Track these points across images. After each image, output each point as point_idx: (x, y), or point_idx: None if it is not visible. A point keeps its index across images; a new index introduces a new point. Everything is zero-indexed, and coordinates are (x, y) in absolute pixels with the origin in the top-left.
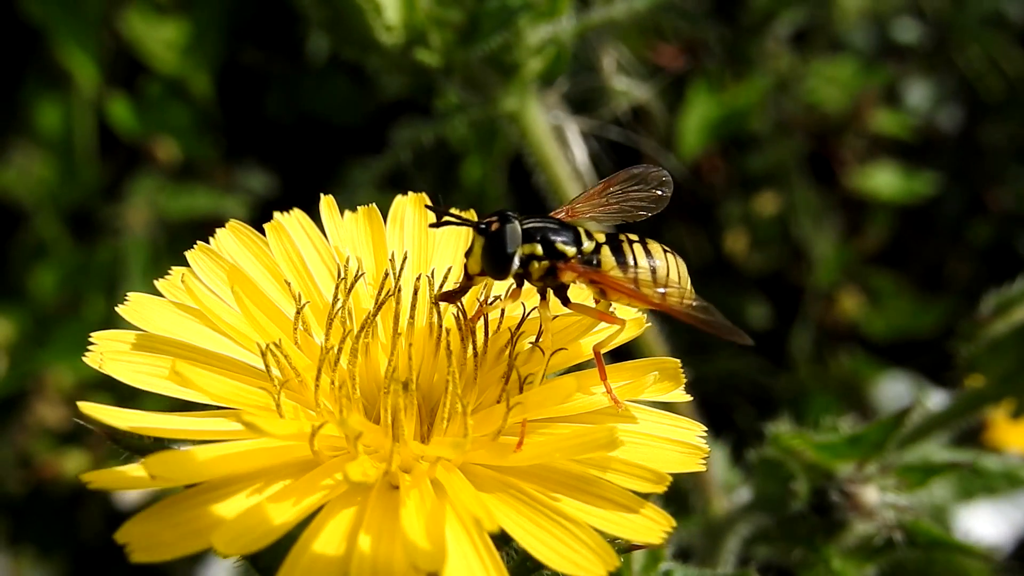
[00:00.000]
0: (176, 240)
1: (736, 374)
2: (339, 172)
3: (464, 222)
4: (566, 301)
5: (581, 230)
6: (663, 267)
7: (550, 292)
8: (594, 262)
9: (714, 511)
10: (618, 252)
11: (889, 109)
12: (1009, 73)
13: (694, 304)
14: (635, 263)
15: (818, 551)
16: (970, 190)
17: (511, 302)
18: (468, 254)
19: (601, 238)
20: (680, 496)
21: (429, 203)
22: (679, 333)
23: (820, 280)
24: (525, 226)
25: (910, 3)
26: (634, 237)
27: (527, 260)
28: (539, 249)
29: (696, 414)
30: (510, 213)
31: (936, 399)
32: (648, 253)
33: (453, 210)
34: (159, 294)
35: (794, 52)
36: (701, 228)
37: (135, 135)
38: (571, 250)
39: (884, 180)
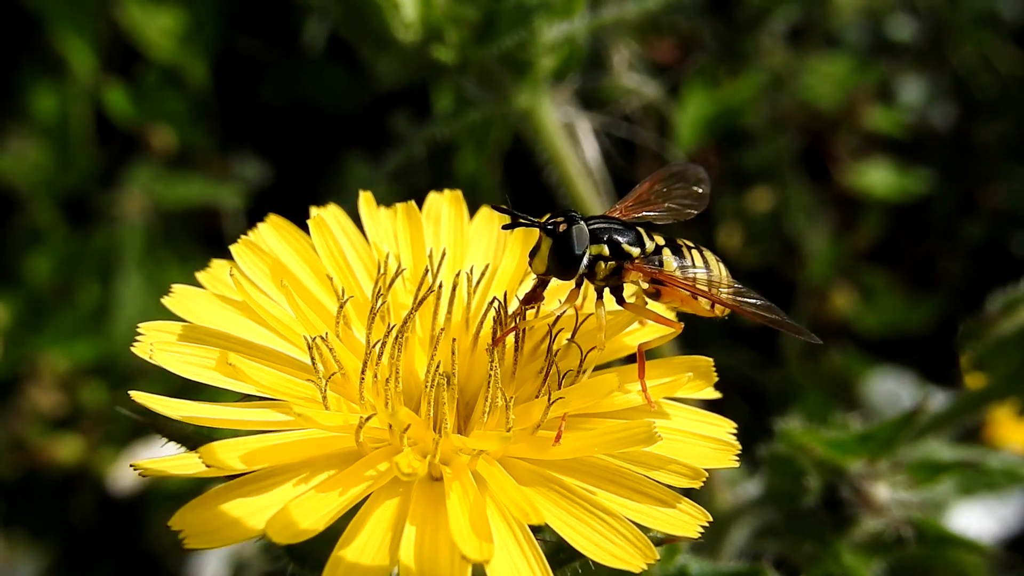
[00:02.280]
0: (171, 228)
1: (728, 368)
2: (335, 161)
3: (532, 223)
4: (622, 301)
5: (642, 231)
6: (717, 272)
7: (606, 291)
8: (656, 263)
9: (719, 505)
10: (678, 254)
11: (883, 106)
12: (1002, 71)
13: (758, 303)
14: (693, 265)
15: (828, 546)
16: (962, 188)
17: (571, 303)
18: (533, 254)
19: (660, 240)
20: (685, 490)
21: (464, 201)
22: None
23: (812, 276)
24: (591, 226)
25: (904, 0)
26: (690, 243)
27: (593, 261)
28: (606, 250)
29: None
30: (575, 214)
31: (934, 398)
32: (704, 259)
33: (486, 209)
34: (155, 282)
35: (789, 48)
36: (694, 223)
37: (131, 122)
38: (636, 251)
39: (877, 177)
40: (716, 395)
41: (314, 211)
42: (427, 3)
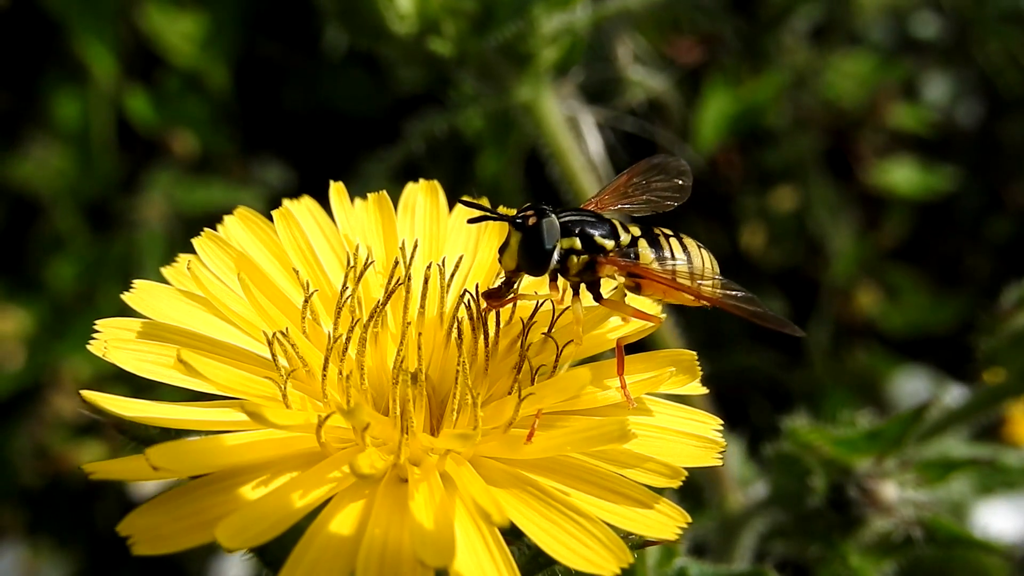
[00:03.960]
0: (192, 233)
1: (752, 369)
2: (355, 165)
3: (500, 217)
4: (599, 297)
5: (616, 223)
6: (698, 260)
7: (582, 287)
8: (632, 255)
9: (730, 506)
10: (655, 245)
11: (907, 104)
12: None
13: (739, 295)
14: (672, 256)
15: (835, 547)
16: (988, 186)
17: (546, 298)
18: (503, 250)
19: (637, 231)
20: (695, 490)
21: (442, 191)
22: (695, 326)
23: (837, 275)
24: (562, 219)
25: None
26: (668, 231)
27: (565, 255)
28: (578, 243)
29: (712, 408)
30: (545, 206)
31: (954, 394)
32: (683, 247)
33: (479, 201)
34: (167, 282)
35: (812, 47)
36: (718, 223)
37: (153, 128)
38: (610, 243)
39: (902, 175)
40: (702, 390)
41: (285, 203)
42: None
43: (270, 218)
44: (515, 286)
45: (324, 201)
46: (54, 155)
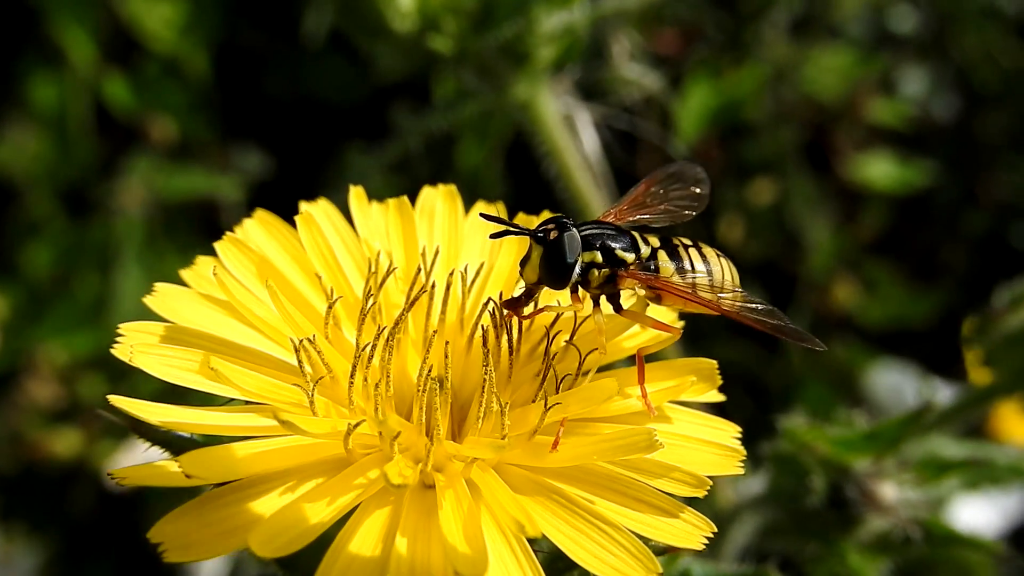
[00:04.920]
0: (171, 220)
1: (730, 363)
2: (336, 153)
3: (522, 231)
4: (619, 308)
5: (636, 235)
6: (718, 271)
7: (603, 298)
8: (652, 267)
9: (720, 502)
10: (675, 257)
11: (885, 98)
12: (1005, 64)
13: (759, 308)
14: (692, 267)
15: (833, 546)
16: (965, 180)
17: (572, 305)
18: (524, 263)
19: (656, 242)
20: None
21: (459, 196)
22: None
23: (814, 268)
24: (583, 233)
25: None
26: (688, 241)
27: (587, 268)
28: (599, 257)
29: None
30: (567, 219)
31: (934, 389)
32: (703, 257)
33: (482, 204)
34: (154, 274)
35: (791, 41)
36: (696, 215)
37: (131, 114)
38: (631, 256)
39: (879, 169)
40: (720, 397)
41: (303, 206)
42: None
43: (252, 208)
44: (535, 297)
45: (308, 193)
46: (31, 139)
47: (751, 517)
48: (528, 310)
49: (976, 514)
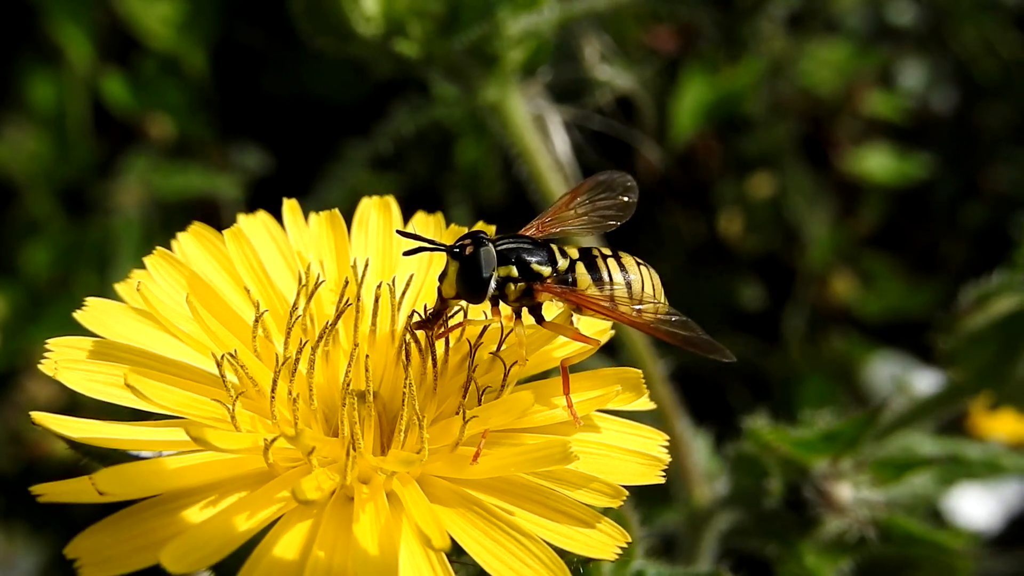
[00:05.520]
0: (169, 219)
1: None
2: (335, 151)
3: (437, 247)
4: (540, 320)
5: (554, 248)
6: (638, 281)
7: (524, 310)
8: (569, 280)
9: (696, 501)
10: (593, 269)
11: (883, 91)
12: (1004, 56)
13: (673, 320)
14: (610, 279)
15: (792, 547)
16: (963, 172)
17: (495, 317)
18: (442, 278)
19: (575, 254)
20: (662, 484)
21: (396, 207)
22: None
23: (813, 262)
24: (499, 247)
25: None
26: (607, 251)
27: (503, 283)
28: (514, 271)
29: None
30: (483, 235)
31: (927, 380)
32: (622, 267)
33: (421, 215)
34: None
35: (788, 34)
36: (696, 210)
37: (129, 112)
38: (547, 270)
39: (877, 163)
40: (650, 406)
41: (239, 219)
42: None
43: (252, 207)
44: (450, 314)
45: (307, 190)
46: (29, 138)
47: (726, 516)
48: (457, 319)
49: (975, 505)
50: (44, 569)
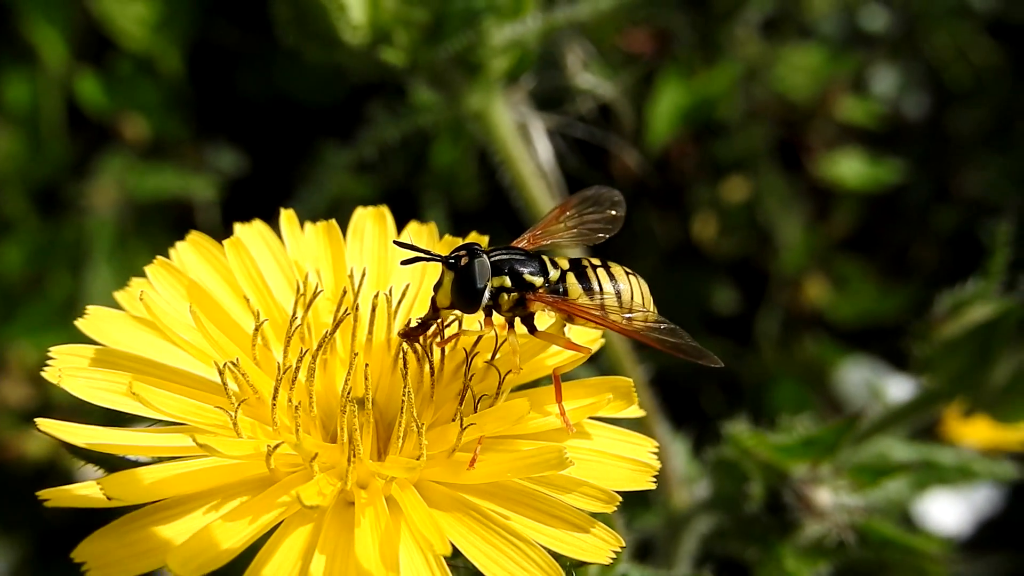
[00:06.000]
0: (144, 220)
1: None
2: (312, 152)
3: (433, 257)
4: (532, 329)
5: (545, 258)
6: (627, 290)
7: (517, 320)
8: (560, 290)
9: (675, 504)
10: (583, 278)
11: (856, 97)
12: (975, 62)
13: (661, 327)
14: (600, 288)
15: (772, 550)
16: (935, 177)
17: (489, 327)
18: (437, 288)
19: (565, 264)
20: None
21: (391, 217)
22: None
23: (787, 265)
24: (493, 259)
25: None
26: (596, 261)
27: (496, 293)
28: (508, 281)
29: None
30: (477, 247)
31: (899, 385)
32: (611, 277)
33: (415, 225)
34: (125, 274)
35: (764, 39)
36: (671, 213)
37: (104, 112)
38: (539, 280)
39: (850, 167)
40: (640, 413)
41: (237, 228)
42: (375, 5)
43: (227, 208)
44: (439, 323)
45: (282, 191)
46: (3, 138)
47: (705, 520)
48: (452, 329)
49: (946, 509)
50: (16, 570)
